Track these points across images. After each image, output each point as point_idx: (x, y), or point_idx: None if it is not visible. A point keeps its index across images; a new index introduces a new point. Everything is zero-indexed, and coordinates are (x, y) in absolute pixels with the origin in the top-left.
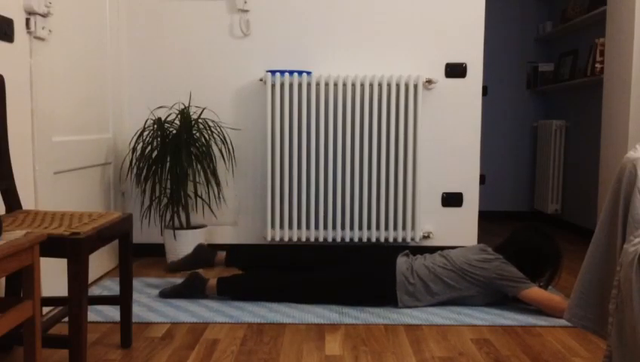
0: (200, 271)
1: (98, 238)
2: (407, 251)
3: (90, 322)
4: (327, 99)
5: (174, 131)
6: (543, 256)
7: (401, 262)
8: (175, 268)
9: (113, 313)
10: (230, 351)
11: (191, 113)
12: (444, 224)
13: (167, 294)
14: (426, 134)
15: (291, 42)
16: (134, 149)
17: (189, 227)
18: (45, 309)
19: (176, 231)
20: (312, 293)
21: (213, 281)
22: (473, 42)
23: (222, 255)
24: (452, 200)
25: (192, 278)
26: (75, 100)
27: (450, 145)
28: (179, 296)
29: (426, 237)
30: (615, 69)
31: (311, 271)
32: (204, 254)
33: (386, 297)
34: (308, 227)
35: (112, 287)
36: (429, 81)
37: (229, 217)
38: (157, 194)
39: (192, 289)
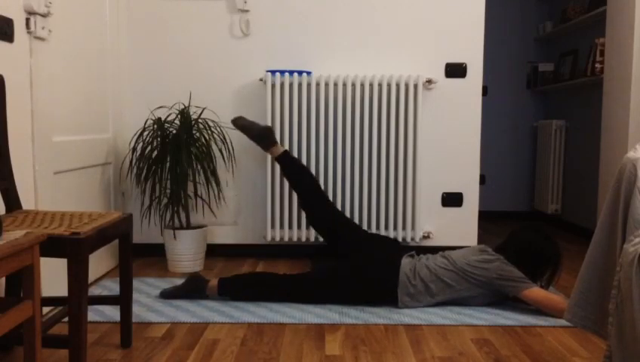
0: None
1: (98, 238)
2: (412, 252)
3: (90, 322)
4: (327, 99)
5: (174, 131)
6: (543, 256)
7: (405, 263)
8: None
9: (113, 313)
10: (230, 351)
11: (191, 113)
12: (444, 224)
13: (167, 294)
14: (426, 134)
15: (291, 42)
16: (134, 149)
17: (189, 227)
18: (45, 309)
19: (176, 231)
20: (313, 292)
21: (214, 282)
22: (473, 42)
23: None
24: (452, 200)
25: (193, 279)
26: (75, 100)
27: (450, 145)
28: (179, 297)
29: (426, 237)
30: (615, 69)
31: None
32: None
33: (387, 296)
34: (308, 227)
35: (112, 287)
36: (429, 81)
37: (229, 217)
38: (157, 194)
39: (192, 290)
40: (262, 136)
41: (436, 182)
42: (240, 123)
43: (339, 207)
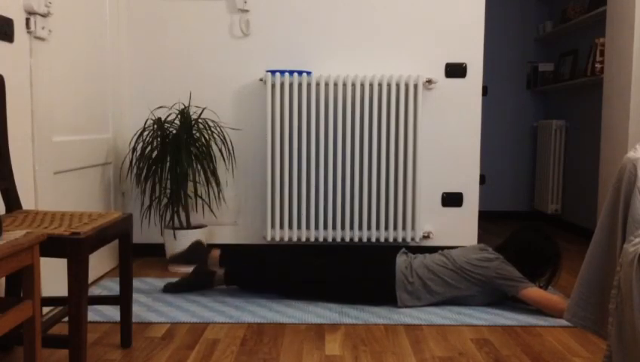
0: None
1: (98, 238)
2: (404, 250)
3: (90, 322)
4: (327, 99)
5: (174, 131)
6: (543, 256)
7: (401, 261)
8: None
9: (113, 313)
10: (230, 351)
11: (191, 113)
12: (444, 224)
13: (171, 288)
14: (426, 134)
15: (291, 42)
16: (134, 149)
17: (189, 227)
18: (45, 309)
19: (176, 231)
20: (312, 292)
21: (215, 253)
22: (473, 42)
23: (216, 252)
24: (452, 200)
25: (199, 271)
26: (75, 100)
27: (450, 145)
28: (185, 290)
29: (426, 237)
30: (615, 69)
31: (311, 272)
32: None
33: (386, 296)
34: (308, 227)
35: (112, 287)
36: (429, 81)
37: (229, 217)
38: (157, 194)
39: (199, 281)
40: (194, 253)
41: (436, 182)
42: (177, 260)
43: (339, 206)
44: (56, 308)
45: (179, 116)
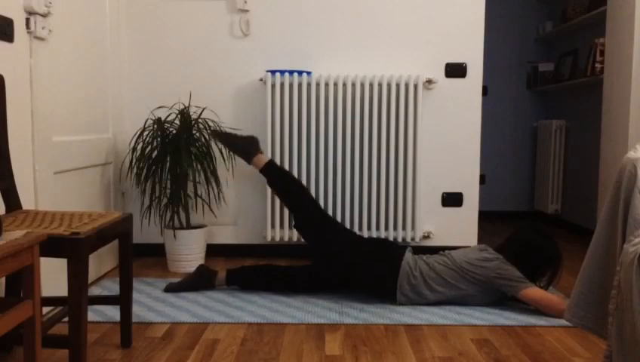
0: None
1: (98, 238)
2: (411, 248)
3: (90, 322)
4: (327, 99)
5: (174, 131)
6: (543, 257)
7: (408, 256)
8: (173, 288)
9: (113, 313)
10: (230, 351)
11: (191, 113)
12: (444, 224)
13: (173, 289)
14: (426, 134)
15: (291, 42)
16: (134, 149)
17: (189, 227)
18: (45, 309)
19: (176, 231)
20: (318, 276)
21: (222, 273)
22: (473, 42)
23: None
24: (452, 200)
25: (201, 271)
26: (75, 100)
27: (450, 145)
28: (186, 290)
29: (426, 237)
30: (615, 69)
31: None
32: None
33: (388, 286)
34: None
35: (112, 287)
36: (429, 81)
37: (229, 217)
38: (157, 194)
39: (201, 281)
40: (247, 147)
41: (436, 182)
42: (220, 137)
43: (339, 206)
44: (56, 308)
45: (179, 116)
